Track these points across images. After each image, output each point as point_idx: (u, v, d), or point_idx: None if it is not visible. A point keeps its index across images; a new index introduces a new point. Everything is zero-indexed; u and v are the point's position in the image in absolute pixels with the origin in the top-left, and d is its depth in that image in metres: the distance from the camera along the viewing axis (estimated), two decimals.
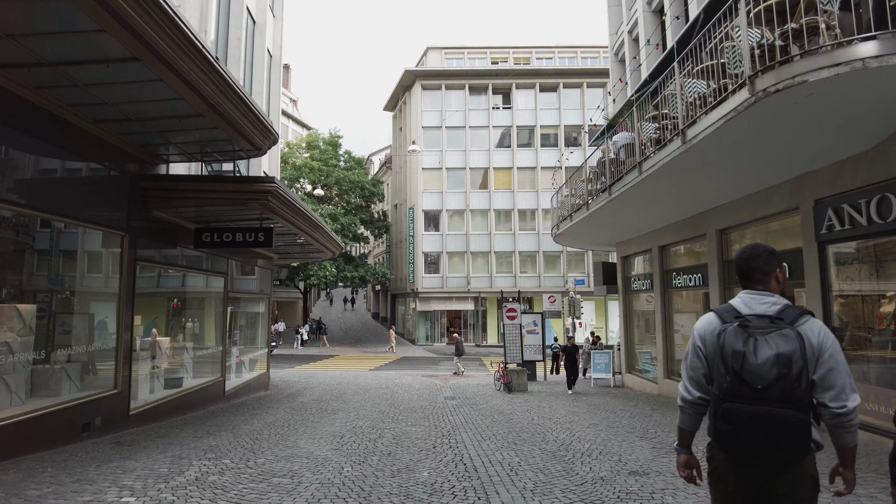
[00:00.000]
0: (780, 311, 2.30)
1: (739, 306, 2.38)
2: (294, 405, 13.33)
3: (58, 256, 8.25)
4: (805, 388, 2.14)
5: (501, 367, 16.86)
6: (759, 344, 2.18)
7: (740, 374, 2.17)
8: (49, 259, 8.12)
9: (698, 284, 12.77)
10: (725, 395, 2.24)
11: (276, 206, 10.13)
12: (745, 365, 2.16)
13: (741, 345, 2.21)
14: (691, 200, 11.44)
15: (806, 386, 2.14)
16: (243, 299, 16.61)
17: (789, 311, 2.31)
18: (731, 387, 2.21)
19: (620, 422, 10.24)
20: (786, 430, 2.13)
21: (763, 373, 2.12)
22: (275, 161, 18.75)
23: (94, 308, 8.88)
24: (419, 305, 40.44)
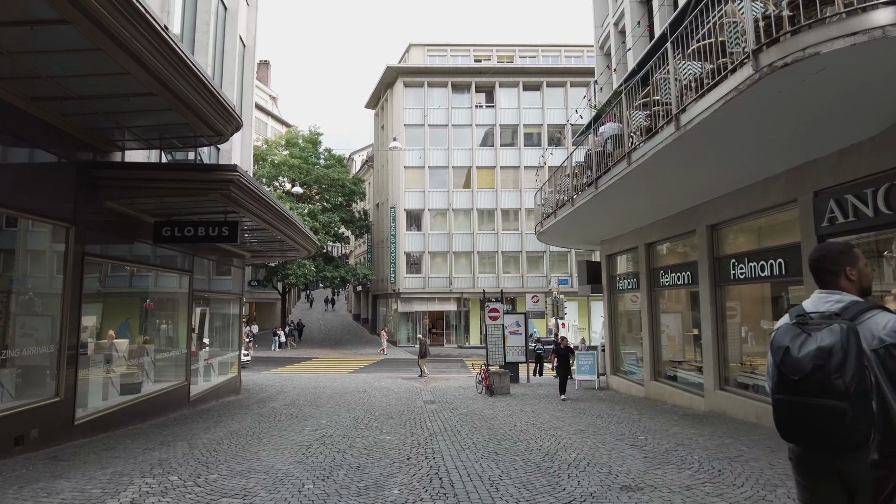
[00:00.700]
0: (842, 308, 2.32)
1: (807, 305, 2.46)
2: (263, 411, 12.57)
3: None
4: (850, 379, 2.11)
5: (483, 370, 16.25)
6: (807, 340, 2.23)
7: (780, 367, 2.28)
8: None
9: (687, 283, 12.29)
10: (775, 387, 2.34)
11: (240, 198, 9.39)
12: (785, 358, 2.26)
13: (788, 340, 2.28)
14: (681, 194, 10.94)
15: (851, 378, 2.11)
16: (212, 299, 15.78)
17: (853, 307, 2.32)
18: (778, 379, 2.31)
19: (608, 427, 9.68)
20: (823, 419, 2.17)
21: (801, 365, 2.19)
22: (247, 155, 17.95)
23: (36, 308, 8.07)
24: (401, 306, 39.72)
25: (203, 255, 13.91)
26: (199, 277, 13.85)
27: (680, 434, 8.68)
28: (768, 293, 10.02)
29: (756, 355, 10.26)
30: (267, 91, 52.59)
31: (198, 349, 14.78)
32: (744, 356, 10.56)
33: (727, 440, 8.03)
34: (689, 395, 11.98)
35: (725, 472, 6.22)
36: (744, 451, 7.16)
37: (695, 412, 11.11)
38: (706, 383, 11.20)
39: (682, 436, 8.53)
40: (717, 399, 10.77)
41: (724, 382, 10.81)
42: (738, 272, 10.17)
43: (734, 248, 10.63)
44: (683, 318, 13.36)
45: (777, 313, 9.83)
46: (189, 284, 13.11)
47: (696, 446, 7.66)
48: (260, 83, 51.55)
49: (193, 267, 13.21)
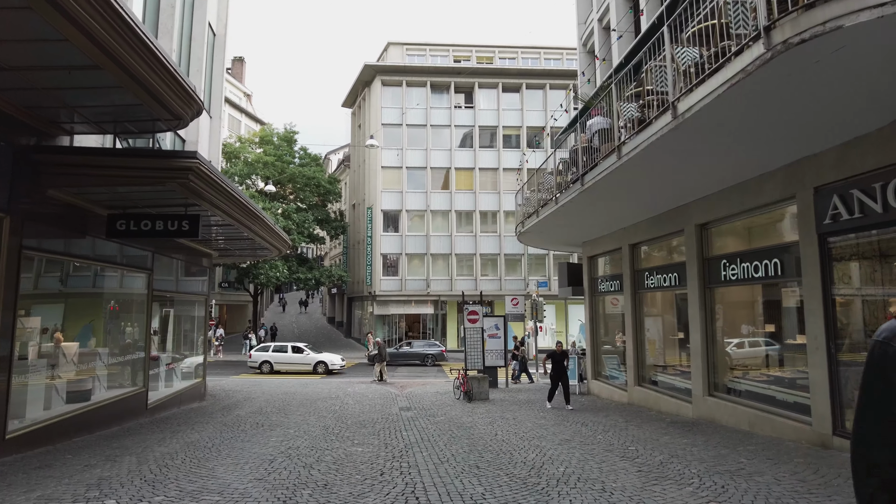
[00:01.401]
0: None
1: None
2: (227, 419, 11.76)
3: None
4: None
5: (461, 374, 15.64)
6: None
7: None
8: None
9: (674, 284, 11.86)
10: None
11: (201, 189, 8.63)
12: None
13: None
14: (670, 192, 10.50)
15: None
16: (176, 300, 14.88)
17: None
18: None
19: (594, 437, 9.14)
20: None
21: None
22: (216, 149, 17.07)
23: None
24: (377, 309, 38.88)
25: (165, 253, 13.03)
26: (161, 277, 12.97)
27: (672, 444, 8.18)
28: (760, 295, 9.60)
29: (747, 360, 9.84)
30: (241, 88, 51.33)
31: (159, 353, 13.89)
32: (734, 361, 10.13)
33: (723, 451, 7.54)
34: (675, 402, 11.53)
35: (730, 488, 5.70)
36: (744, 464, 6.67)
37: (683, 419, 10.65)
38: (694, 389, 10.76)
39: (675, 446, 8.02)
40: (706, 406, 10.33)
41: (713, 388, 10.37)
42: (730, 273, 9.74)
43: (725, 248, 10.22)
44: (669, 322, 12.94)
45: (770, 316, 9.43)
46: (148, 284, 12.23)
47: (692, 458, 7.15)
48: (234, 79, 50.30)
49: (154, 265, 12.34)
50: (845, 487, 5.54)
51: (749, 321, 9.99)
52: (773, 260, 8.57)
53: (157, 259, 12.54)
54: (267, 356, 27.13)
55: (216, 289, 43.42)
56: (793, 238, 8.13)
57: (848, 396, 7.09)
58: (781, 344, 8.94)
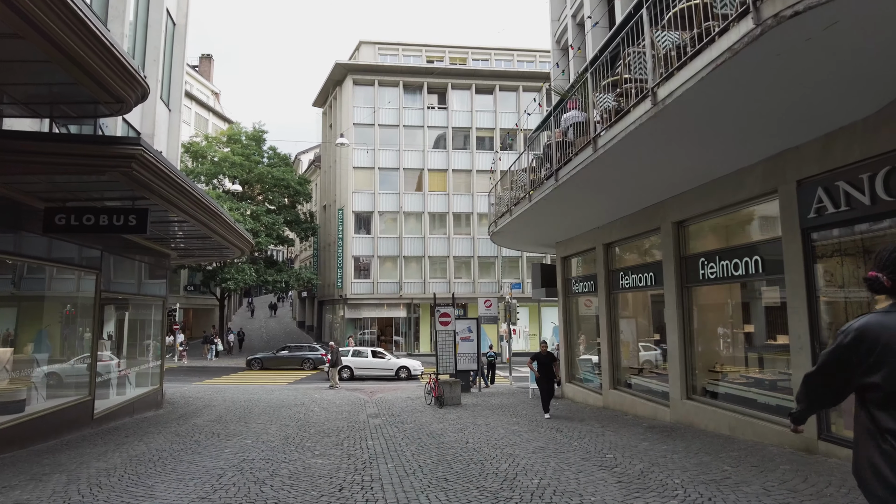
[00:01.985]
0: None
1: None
2: (182, 429, 11.00)
3: None
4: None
5: (432, 379, 15.09)
6: None
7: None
8: None
9: (650, 284, 11.53)
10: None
11: (147, 180, 7.94)
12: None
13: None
14: (646, 189, 10.16)
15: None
16: (130, 302, 14.02)
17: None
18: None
19: (570, 444, 8.69)
20: None
21: None
22: (175, 145, 16.23)
23: None
24: (348, 313, 38.06)
25: (116, 252, 12.20)
26: (112, 277, 12.14)
27: (651, 451, 7.77)
28: (739, 294, 9.30)
29: (727, 361, 9.52)
30: (209, 86, 49.98)
31: (111, 359, 13.03)
32: (714, 363, 9.81)
33: (705, 457, 7.15)
34: (652, 405, 11.19)
35: (717, 500, 5.28)
36: (728, 473, 6.27)
37: (661, 424, 10.29)
38: (672, 392, 10.42)
39: (654, 453, 7.61)
40: (684, 409, 9.98)
41: (691, 391, 10.04)
42: (708, 272, 9.43)
43: (703, 246, 9.91)
44: (645, 323, 12.63)
45: (750, 315, 9.13)
46: (96, 284, 11.39)
47: (674, 466, 6.73)
48: (202, 77, 49.00)
49: (102, 264, 11.50)
50: (838, 497, 5.17)
51: (728, 321, 9.68)
52: (754, 257, 8.27)
53: (108, 258, 11.72)
54: (347, 361, 25.80)
55: (181, 292, 42.04)
56: (774, 234, 7.82)
57: None
58: (762, 345, 8.63)
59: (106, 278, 11.78)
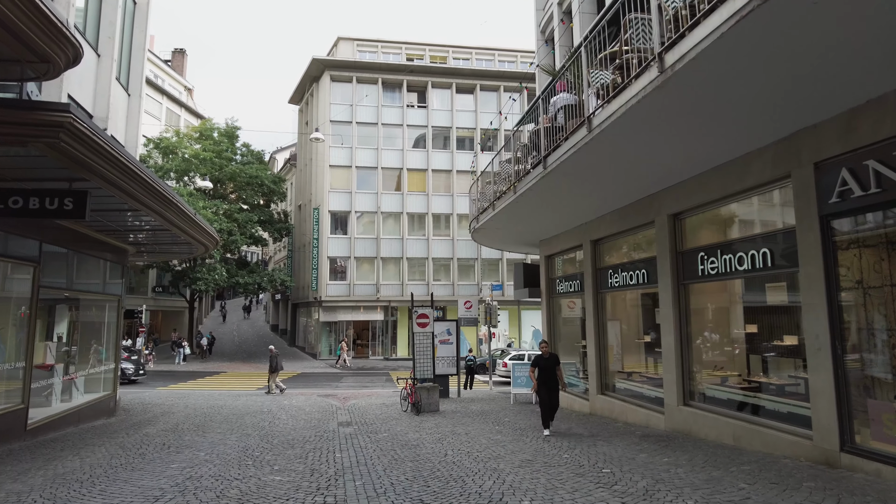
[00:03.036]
0: None
1: None
2: (129, 440, 9.90)
3: None
4: None
5: (409, 384, 14.16)
6: None
7: None
8: None
9: (642, 282, 10.79)
10: None
11: (80, 155, 6.92)
12: None
13: None
14: (640, 178, 9.41)
15: None
16: (79, 301, 12.84)
17: None
18: None
19: (559, 455, 7.85)
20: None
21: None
22: (134, 133, 15.06)
23: None
24: (323, 315, 36.85)
25: (59, 243, 11.05)
26: (53, 272, 10.99)
27: (652, 464, 6.96)
28: (741, 291, 8.57)
29: (728, 364, 8.79)
30: (182, 81, 48.36)
31: (55, 362, 11.85)
32: (713, 366, 9.07)
33: (714, 472, 6.37)
34: (644, 412, 10.42)
35: None
36: (747, 492, 5.49)
37: (655, 432, 9.52)
38: (667, 398, 9.66)
39: (656, 467, 6.81)
40: (680, 416, 9.23)
41: (688, 397, 9.29)
42: (708, 267, 8.70)
43: (702, 239, 9.19)
44: (635, 324, 11.89)
45: (754, 314, 8.41)
46: (34, 279, 10.23)
47: (682, 483, 5.93)
48: (174, 72, 47.43)
49: (42, 257, 10.35)
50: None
51: (730, 321, 8.95)
52: (762, 250, 7.54)
53: (47, 249, 10.56)
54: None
55: (149, 293, 40.39)
56: (786, 224, 7.11)
57: (857, 406, 6.05)
58: (769, 346, 7.91)
59: (48, 273, 10.64)
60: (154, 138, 35.76)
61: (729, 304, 8.97)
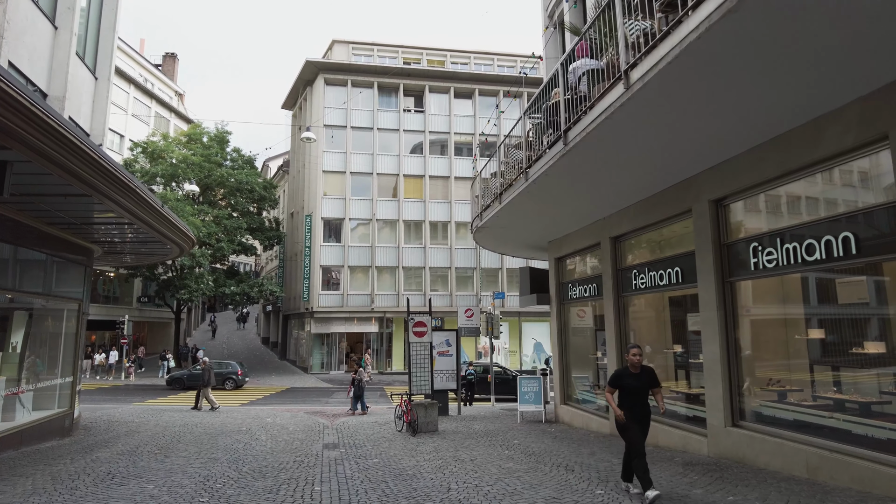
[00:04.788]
0: None
1: None
2: (70, 468, 8.32)
3: None
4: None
5: (405, 401, 12.60)
6: None
7: None
8: None
9: (675, 282, 9.31)
10: None
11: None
12: None
13: None
14: (678, 155, 7.98)
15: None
16: (27, 306, 11.29)
17: None
18: None
19: (591, 491, 6.31)
20: None
21: None
22: (101, 117, 13.60)
23: None
24: (314, 327, 35.19)
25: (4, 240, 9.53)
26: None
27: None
28: (807, 288, 7.10)
29: (789, 377, 7.28)
30: (172, 86, 47.06)
31: None
32: (769, 380, 7.57)
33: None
34: (680, 434, 8.89)
35: None
36: None
37: (698, 458, 7.98)
38: (710, 418, 8.14)
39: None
40: (729, 440, 7.70)
41: (738, 416, 7.77)
42: (764, 260, 7.24)
43: (754, 227, 7.74)
44: (663, 330, 10.40)
45: (823, 316, 6.93)
46: None
47: None
48: (165, 77, 46.16)
49: None
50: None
51: (792, 324, 7.47)
52: (841, 234, 6.09)
53: None
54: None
55: (134, 304, 38.70)
56: (880, 201, 5.66)
57: None
58: (847, 354, 6.42)
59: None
60: (141, 142, 34.35)
61: (787, 304, 7.48)
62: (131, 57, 41.17)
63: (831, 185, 6.58)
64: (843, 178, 6.40)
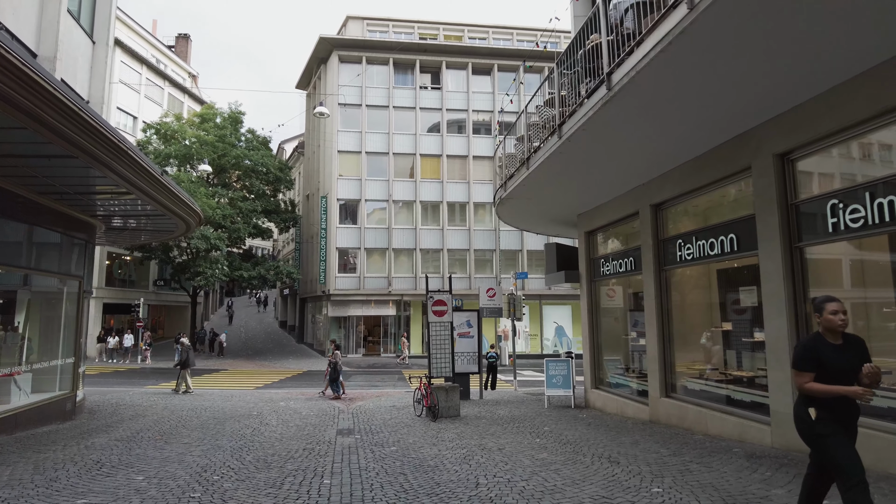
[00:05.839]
0: None
1: None
2: (59, 455, 7.58)
3: None
4: None
5: (424, 384, 11.73)
6: None
7: None
8: None
9: (730, 251, 8.21)
10: None
11: None
12: None
13: None
14: (738, 102, 6.87)
15: None
16: (11, 284, 10.60)
17: None
18: None
19: (644, 488, 5.34)
20: None
21: None
22: (99, 83, 12.79)
23: None
24: (331, 310, 34.51)
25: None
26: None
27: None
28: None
29: (884, 360, 6.21)
30: (186, 67, 46.38)
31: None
32: None
33: None
34: (737, 422, 7.86)
35: None
36: None
37: (762, 450, 6.97)
38: (775, 404, 7.09)
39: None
40: None
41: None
42: (847, 219, 6.14)
43: (833, 183, 6.63)
44: (710, 306, 9.32)
45: None
46: None
47: None
48: (178, 58, 45.50)
49: None
50: None
51: (884, 289, 6.38)
52: None
53: None
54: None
55: (150, 287, 38.44)
56: None
57: None
58: None
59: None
60: (154, 123, 33.75)
61: (872, 271, 6.38)
62: (143, 38, 40.49)
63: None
64: None
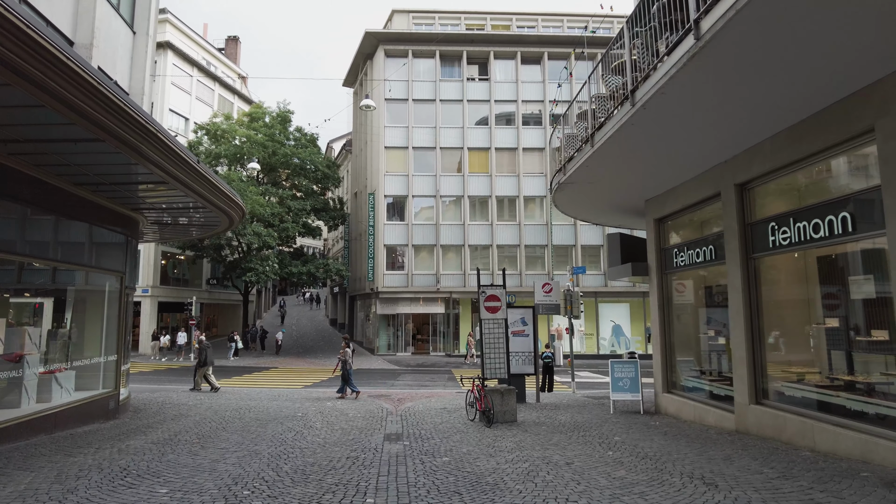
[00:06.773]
0: None
1: None
2: (86, 460, 7.05)
3: None
4: None
5: (477, 385, 10.79)
6: None
7: None
8: None
9: (841, 233, 6.90)
10: None
11: None
12: None
13: None
14: (853, 57, 5.60)
15: None
16: (67, 280, 10.30)
17: None
18: None
19: None
20: None
21: None
22: (140, 74, 12.47)
23: None
24: (380, 308, 34.04)
25: (18, 200, 8.40)
26: (6, 231, 8.38)
27: None
28: None
29: None
30: (235, 69, 47.07)
31: (32, 352, 9.29)
32: None
33: None
34: (861, 438, 6.56)
35: None
36: None
37: (891, 470, 5.69)
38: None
39: None
40: None
41: None
42: None
43: None
44: (814, 301, 7.99)
45: None
46: None
47: None
48: (228, 60, 46.22)
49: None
50: None
51: None
52: None
53: None
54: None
55: (203, 286, 39.07)
56: None
57: None
58: None
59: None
60: (204, 124, 34.19)
61: None
62: (194, 41, 41.21)
63: None
64: None
